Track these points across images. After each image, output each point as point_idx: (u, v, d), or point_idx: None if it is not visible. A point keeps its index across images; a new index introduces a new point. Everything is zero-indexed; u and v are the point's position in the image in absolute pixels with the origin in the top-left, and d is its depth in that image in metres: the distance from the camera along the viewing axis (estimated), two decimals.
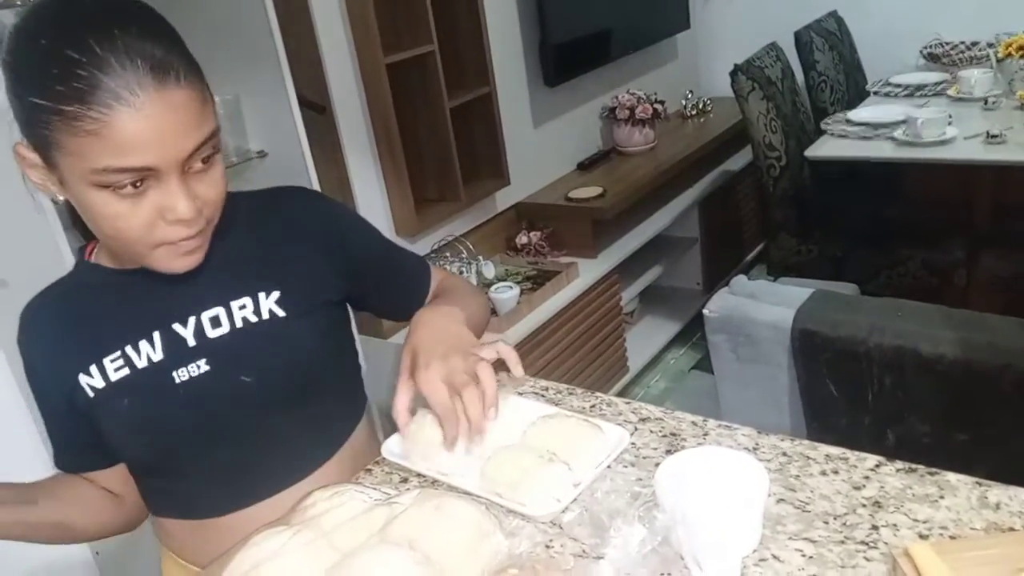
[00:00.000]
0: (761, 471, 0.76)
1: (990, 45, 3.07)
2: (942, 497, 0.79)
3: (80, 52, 0.73)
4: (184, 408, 0.90)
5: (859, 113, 2.89)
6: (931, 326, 1.28)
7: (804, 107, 3.14)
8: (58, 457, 1.00)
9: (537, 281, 2.73)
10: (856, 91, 3.39)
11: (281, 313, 0.93)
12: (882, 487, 0.82)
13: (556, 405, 1.03)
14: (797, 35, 3.21)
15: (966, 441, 1.32)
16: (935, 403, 1.32)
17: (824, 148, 2.72)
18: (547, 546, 0.80)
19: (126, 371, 0.90)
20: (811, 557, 0.75)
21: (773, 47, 3.08)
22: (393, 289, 1.11)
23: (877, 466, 0.85)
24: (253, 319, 0.92)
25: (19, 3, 1.62)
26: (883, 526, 0.77)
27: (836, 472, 0.85)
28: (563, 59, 3.02)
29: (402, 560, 0.70)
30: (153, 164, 0.76)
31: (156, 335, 0.91)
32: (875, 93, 3.20)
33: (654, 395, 3.04)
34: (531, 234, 2.92)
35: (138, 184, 0.77)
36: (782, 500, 0.82)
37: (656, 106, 3.30)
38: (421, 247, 2.75)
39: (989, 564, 0.69)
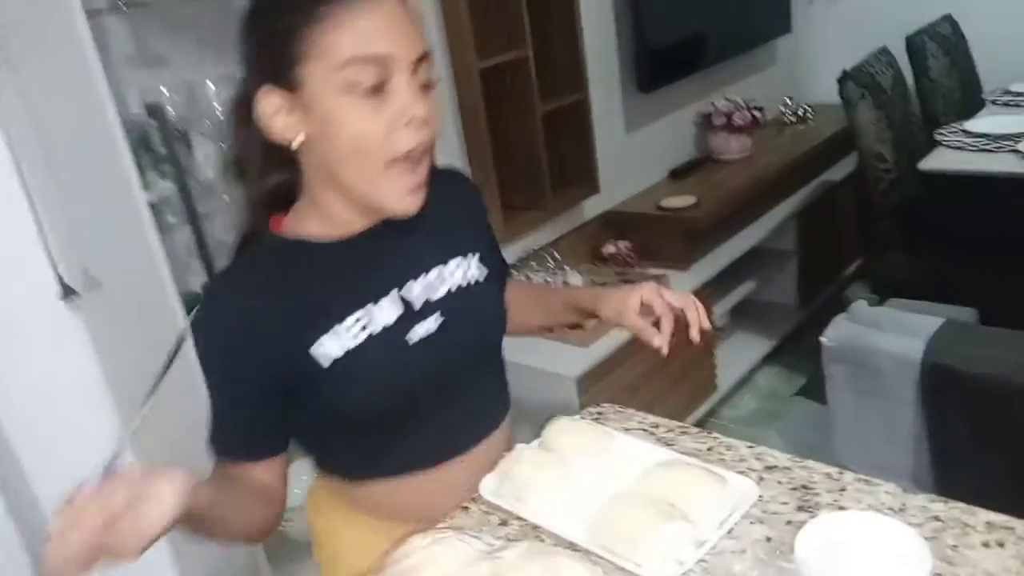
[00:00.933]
0: (923, 549, 0.66)
1: None
2: None
3: None
4: (419, 366, 0.93)
5: (977, 123, 2.70)
6: None
7: (915, 116, 2.96)
8: (225, 443, 0.94)
9: None
10: (970, 100, 3.17)
11: (483, 274, 1.02)
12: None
13: (669, 446, 0.95)
14: (909, 40, 3.02)
15: None
16: None
17: (939, 160, 2.54)
18: None
19: (363, 336, 0.91)
20: None
21: (884, 52, 2.90)
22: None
23: None
24: (469, 278, 1.00)
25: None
26: None
27: (1001, 545, 0.74)
28: (659, 64, 2.91)
29: None
30: (391, 51, 0.82)
31: (389, 297, 0.94)
32: (992, 102, 2.99)
33: (744, 416, 2.90)
34: (619, 243, 2.83)
35: (378, 89, 0.82)
36: None
37: (755, 113, 3.16)
38: (507, 256, 2.68)
39: None
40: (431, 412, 0.96)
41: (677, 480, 0.81)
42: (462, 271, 0.99)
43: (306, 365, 0.89)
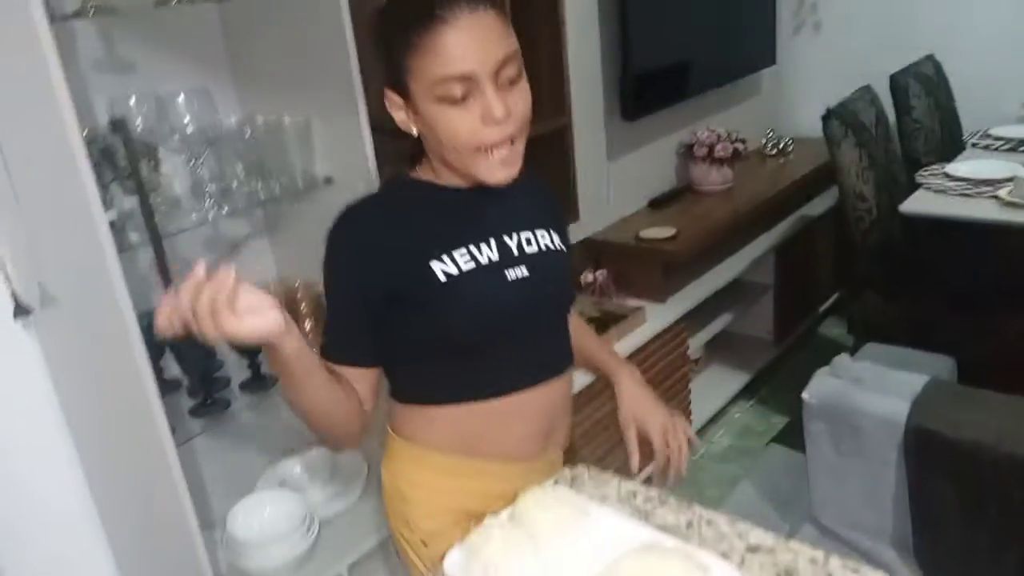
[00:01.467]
0: None
1: None
2: None
3: None
4: (514, 299, 1.12)
5: (958, 167, 2.70)
6: None
7: (897, 156, 2.95)
8: (330, 345, 1.12)
9: (601, 323, 2.59)
10: (950, 141, 3.18)
11: (563, 247, 1.21)
12: None
13: (646, 518, 0.89)
14: (893, 79, 3.02)
15: None
16: None
17: (920, 203, 2.53)
18: None
19: (472, 264, 1.10)
20: None
21: (868, 91, 2.90)
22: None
23: None
24: (552, 246, 1.19)
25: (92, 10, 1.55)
26: None
27: None
28: (643, 93, 2.88)
29: None
30: (471, 69, 0.99)
31: (492, 240, 1.13)
32: (973, 145, 3.00)
33: (717, 453, 2.86)
34: (597, 273, 2.79)
35: (466, 98, 1.00)
36: None
37: (737, 145, 3.14)
38: None
39: None
40: (514, 343, 1.14)
41: (655, 571, 0.76)
42: (547, 240, 1.18)
43: (426, 278, 1.08)
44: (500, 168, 1.05)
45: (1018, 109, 3.25)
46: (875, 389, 1.37)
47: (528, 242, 1.16)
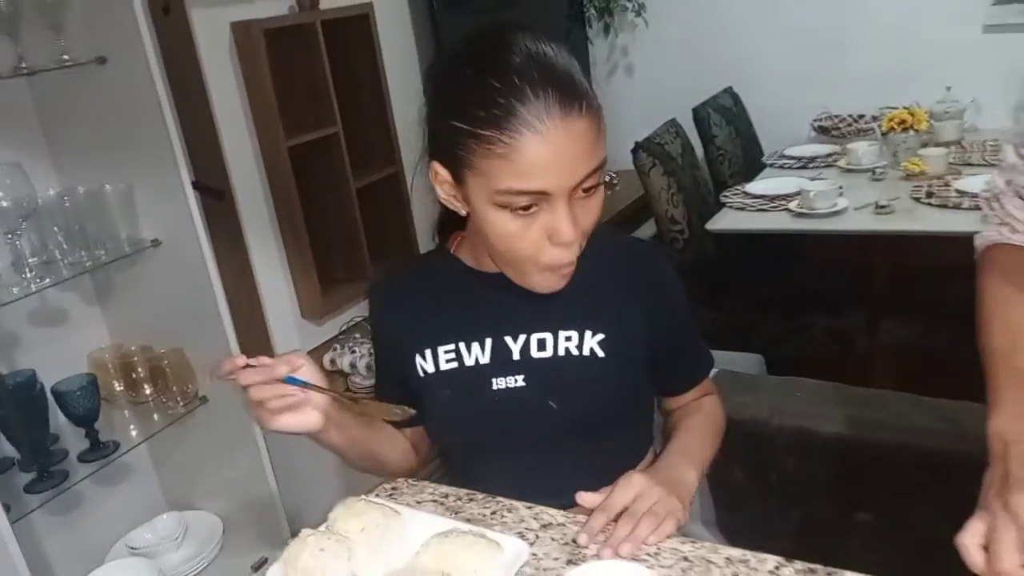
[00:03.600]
0: None
1: (875, 118, 3.24)
2: None
3: (500, 81, 0.82)
4: (495, 413, 1.01)
5: (755, 186, 3.00)
6: (827, 405, 1.30)
7: (705, 180, 3.24)
8: (378, 387, 1.14)
9: None
10: (753, 163, 3.52)
11: (600, 354, 1.01)
12: None
13: (455, 514, 0.99)
14: (695, 111, 3.32)
15: (868, 521, 1.33)
16: (836, 484, 1.34)
17: (724, 220, 2.80)
18: None
19: (455, 364, 1.02)
20: None
21: (673, 123, 3.18)
22: (670, 367, 1.12)
23: (777, 567, 0.84)
24: (575, 352, 1.01)
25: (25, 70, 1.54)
26: None
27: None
28: None
29: None
30: (548, 188, 0.84)
31: (488, 341, 1.02)
32: (771, 165, 3.33)
33: None
34: None
35: (531, 208, 0.85)
36: None
37: None
38: (329, 329, 2.69)
39: None
40: (506, 459, 1.04)
41: (451, 550, 0.85)
42: (574, 343, 1.01)
43: (410, 368, 1.05)
44: (555, 281, 0.94)
45: (809, 131, 3.63)
46: None
47: (541, 345, 1.01)
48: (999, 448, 0.77)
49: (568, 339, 1.00)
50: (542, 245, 0.88)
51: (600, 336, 1.01)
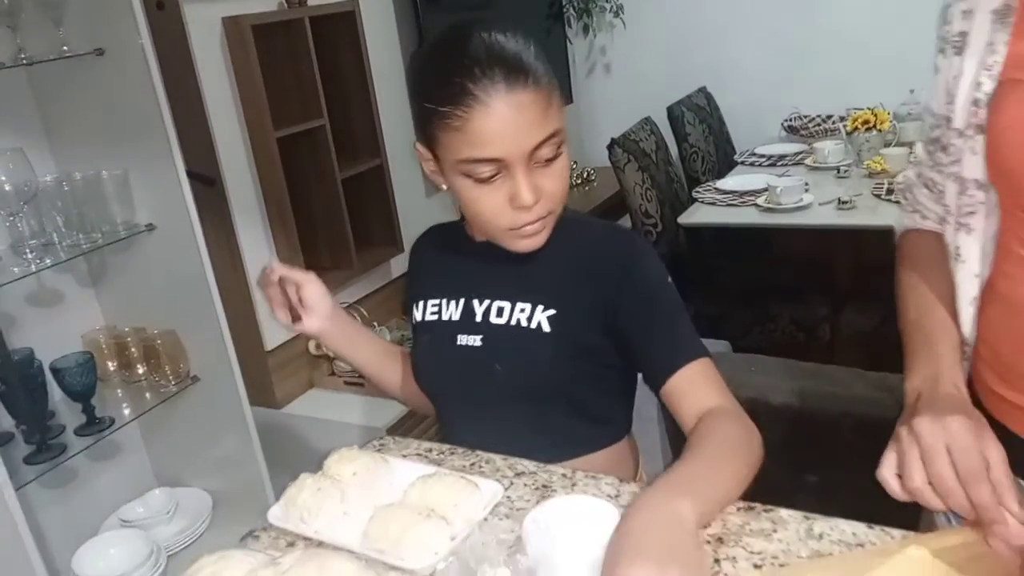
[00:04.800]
0: (617, 517, 0.84)
1: (841, 119, 3.38)
2: (775, 531, 0.89)
3: (456, 64, 0.95)
4: (456, 366, 1.14)
5: (726, 182, 3.12)
6: (780, 378, 1.41)
7: (678, 176, 3.36)
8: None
9: None
10: (725, 161, 3.65)
11: (547, 329, 1.08)
12: (724, 524, 0.91)
13: (439, 465, 1.09)
14: (669, 110, 3.45)
15: (817, 483, 1.45)
16: (787, 449, 1.45)
17: (696, 215, 2.92)
18: None
19: (435, 317, 1.17)
20: None
21: (648, 121, 3.30)
22: (648, 354, 1.07)
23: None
24: (524, 323, 1.09)
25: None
26: (724, 559, 0.86)
27: None
28: None
29: None
30: (501, 156, 0.95)
31: (461, 301, 1.15)
32: (742, 163, 3.46)
33: None
34: None
35: (494, 178, 0.97)
36: None
37: None
38: None
39: None
40: (468, 409, 1.17)
41: (435, 489, 0.96)
42: (525, 315, 1.09)
43: (411, 312, 1.23)
44: (523, 241, 1.04)
45: (780, 131, 3.76)
46: None
47: (499, 312, 1.11)
48: (912, 400, 0.88)
49: (522, 311, 1.09)
50: (503, 209, 0.99)
51: (551, 312, 1.07)
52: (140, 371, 2.14)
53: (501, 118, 0.93)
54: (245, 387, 2.16)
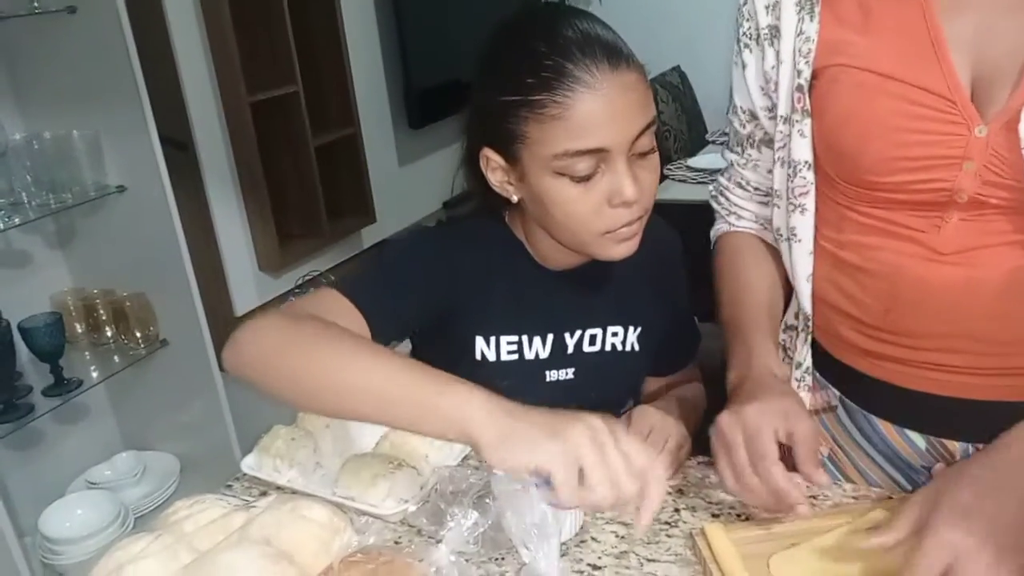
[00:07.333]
0: None
1: None
2: None
3: (547, 45, 0.83)
4: (546, 403, 0.94)
5: (698, 160, 3.16)
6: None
7: None
8: (360, 291, 0.93)
9: None
10: (697, 140, 3.68)
11: (638, 348, 1.06)
12: (685, 477, 0.95)
13: None
14: None
15: None
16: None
17: (667, 192, 2.95)
18: (396, 541, 0.89)
19: (514, 356, 1.01)
20: (623, 537, 0.86)
21: None
22: (667, 347, 1.13)
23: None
24: (619, 347, 1.05)
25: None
26: (684, 508, 0.90)
27: None
28: (426, 103, 3.14)
29: (257, 555, 0.76)
30: (607, 145, 0.83)
31: (550, 337, 1.02)
32: (713, 142, 3.50)
33: None
34: None
35: (591, 176, 0.85)
36: None
37: None
38: (285, 282, 2.78)
39: (767, 540, 0.82)
40: None
41: (406, 439, 0.98)
42: (618, 339, 1.04)
43: (466, 344, 1.00)
44: (619, 246, 0.91)
45: None
46: None
47: (592, 340, 1.04)
48: (729, 393, 0.89)
49: (615, 335, 1.05)
50: (602, 209, 0.87)
51: (639, 330, 1.06)
52: (108, 333, 2.14)
53: (609, 101, 0.82)
54: (215, 351, 2.16)
